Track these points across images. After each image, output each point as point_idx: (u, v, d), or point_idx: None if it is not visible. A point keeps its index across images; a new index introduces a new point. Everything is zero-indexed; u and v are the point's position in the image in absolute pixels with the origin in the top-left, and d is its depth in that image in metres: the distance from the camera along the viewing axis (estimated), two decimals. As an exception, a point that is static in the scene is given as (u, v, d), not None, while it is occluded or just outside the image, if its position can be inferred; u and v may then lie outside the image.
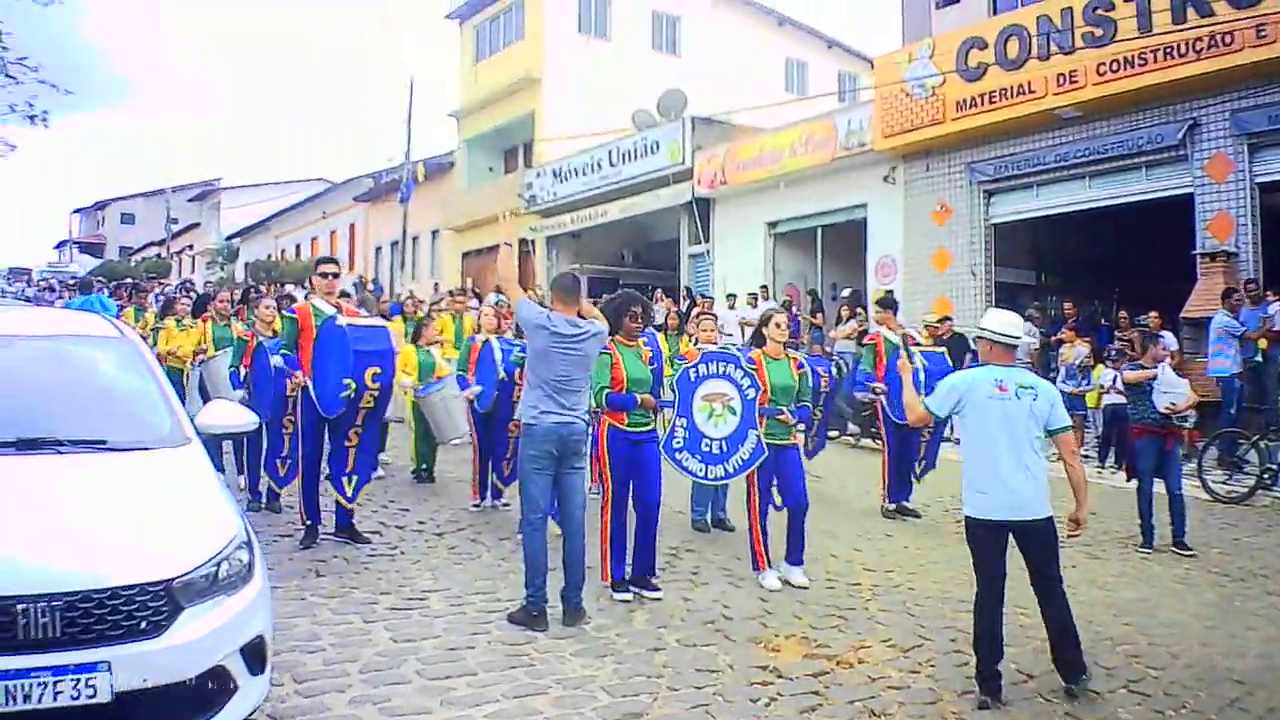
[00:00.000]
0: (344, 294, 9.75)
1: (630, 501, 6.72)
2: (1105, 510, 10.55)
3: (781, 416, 7.06)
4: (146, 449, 4.37)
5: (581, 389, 6.17)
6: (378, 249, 39.21)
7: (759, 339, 7.36)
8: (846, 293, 18.38)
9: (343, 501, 7.61)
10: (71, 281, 30.93)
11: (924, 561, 8.08)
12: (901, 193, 18.09)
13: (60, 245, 78.84)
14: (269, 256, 47.95)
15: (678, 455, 6.92)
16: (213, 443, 9.46)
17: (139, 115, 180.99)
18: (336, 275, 7.87)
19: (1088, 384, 13.52)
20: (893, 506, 9.81)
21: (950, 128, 16.63)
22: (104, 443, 4.31)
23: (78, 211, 79.66)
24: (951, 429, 9.95)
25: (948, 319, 15.46)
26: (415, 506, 9.32)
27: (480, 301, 15.25)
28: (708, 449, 6.92)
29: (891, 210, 18.26)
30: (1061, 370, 13.71)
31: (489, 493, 9.31)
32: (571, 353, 6.05)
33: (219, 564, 3.75)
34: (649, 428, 6.72)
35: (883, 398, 9.68)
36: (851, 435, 14.77)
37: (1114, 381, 12.65)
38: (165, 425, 4.62)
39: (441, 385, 9.66)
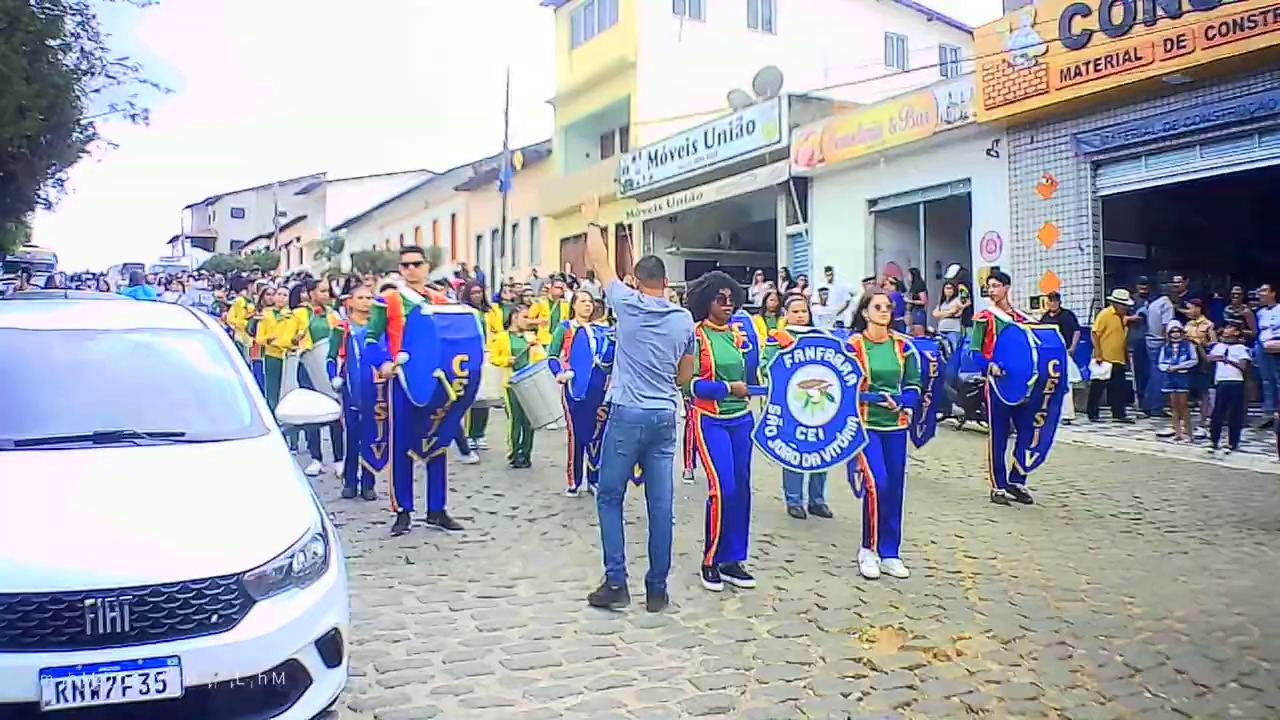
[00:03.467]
0: (441, 281, 9.78)
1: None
2: (1218, 493, 10.13)
3: (885, 403, 6.81)
4: (225, 440, 4.38)
5: (672, 373, 6.05)
6: (478, 237, 39.53)
7: (859, 322, 7.11)
8: (953, 271, 17.88)
9: (417, 456, 7.61)
10: (183, 275, 31.79)
11: (1028, 548, 7.77)
12: (1006, 166, 17.53)
13: (173, 240, 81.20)
14: (374, 246, 48.71)
15: (770, 443, 6.69)
16: (311, 432, 9.71)
17: (251, 113, 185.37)
18: (419, 264, 7.85)
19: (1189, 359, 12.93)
20: (1002, 492, 9.46)
21: (1055, 97, 16.03)
22: (182, 434, 4.32)
23: (190, 207, 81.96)
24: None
25: (1055, 295, 15.07)
26: (509, 492, 9.31)
27: (575, 287, 15.18)
28: (803, 437, 6.69)
29: (996, 184, 17.72)
30: (1175, 346, 13.13)
31: (584, 478, 9.24)
32: (663, 333, 5.93)
33: (292, 556, 3.72)
34: (743, 412, 6.54)
35: (992, 378, 9.35)
36: (955, 418, 14.38)
37: (1226, 354, 12.21)
38: (245, 416, 4.62)
39: (535, 370, 9.64)
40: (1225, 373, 12.24)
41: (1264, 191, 14.86)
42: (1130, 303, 14.84)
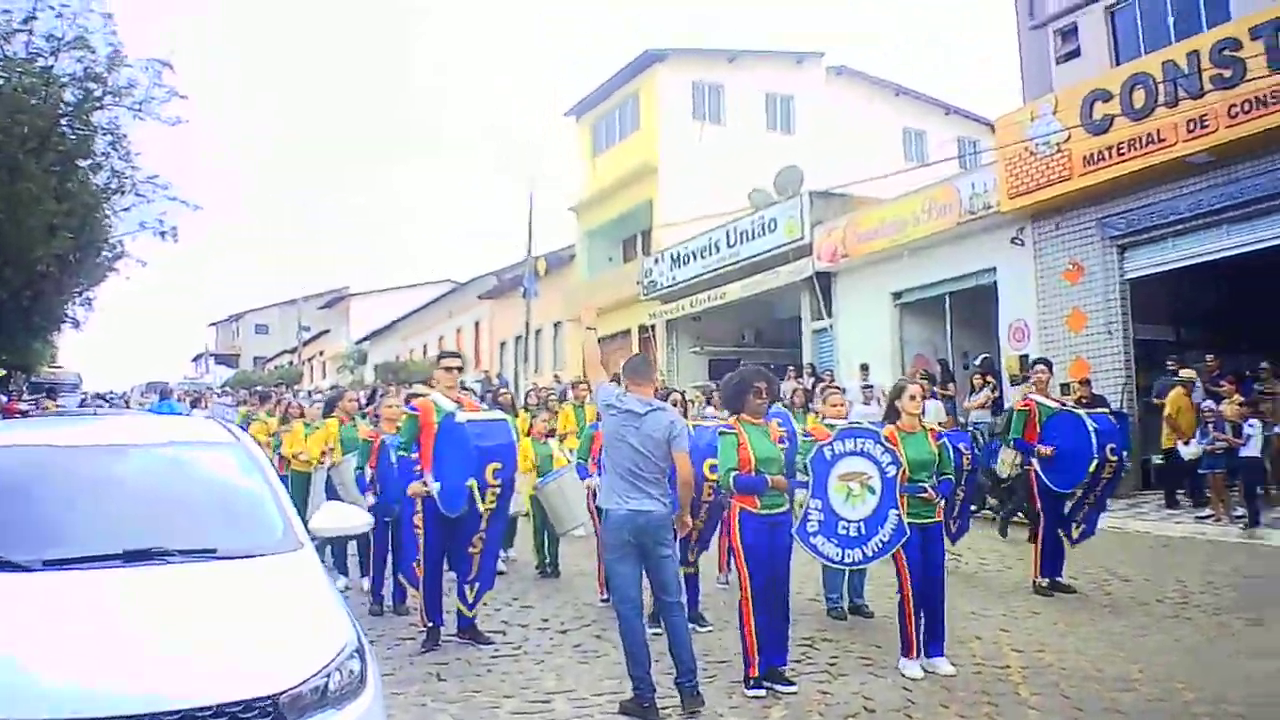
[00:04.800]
0: (464, 387, 9.75)
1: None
2: (1262, 573, 9.93)
3: (925, 494, 6.65)
4: (257, 555, 4.25)
5: (659, 474, 5.94)
6: (502, 344, 39.77)
7: (892, 413, 6.98)
8: (979, 360, 17.75)
9: (464, 610, 7.44)
10: (207, 393, 31.98)
11: (1075, 639, 7.53)
12: (1031, 253, 17.49)
13: (198, 358, 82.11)
14: (397, 357, 49.12)
15: (812, 539, 6.53)
16: (338, 544, 9.56)
17: (272, 228, 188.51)
18: (460, 369, 7.79)
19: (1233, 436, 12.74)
20: (1045, 582, 9.20)
21: (1078, 183, 16.04)
22: (213, 551, 4.19)
23: (214, 324, 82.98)
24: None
25: (1086, 381, 14.89)
26: (539, 603, 9.11)
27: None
28: (844, 531, 6.52)
29: (1022, 272, 17.65)
30: (1210, 426, 12.93)
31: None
32: (642, 432, 5.86)
33: (329, 675, 3.55)
34: (783, 508, 6.38)
35: (1037, 464, 9.17)
36: (990, 509, 14.10)
37: (1240, 431, 12.18)
38: (277, 530, 4.50)
39: (559, 475, 9.50)
40: (1249, 448, 12.25)
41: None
42: (1195, 380, 14.56)
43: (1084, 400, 13.06)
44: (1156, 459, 15.37)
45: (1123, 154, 15.32)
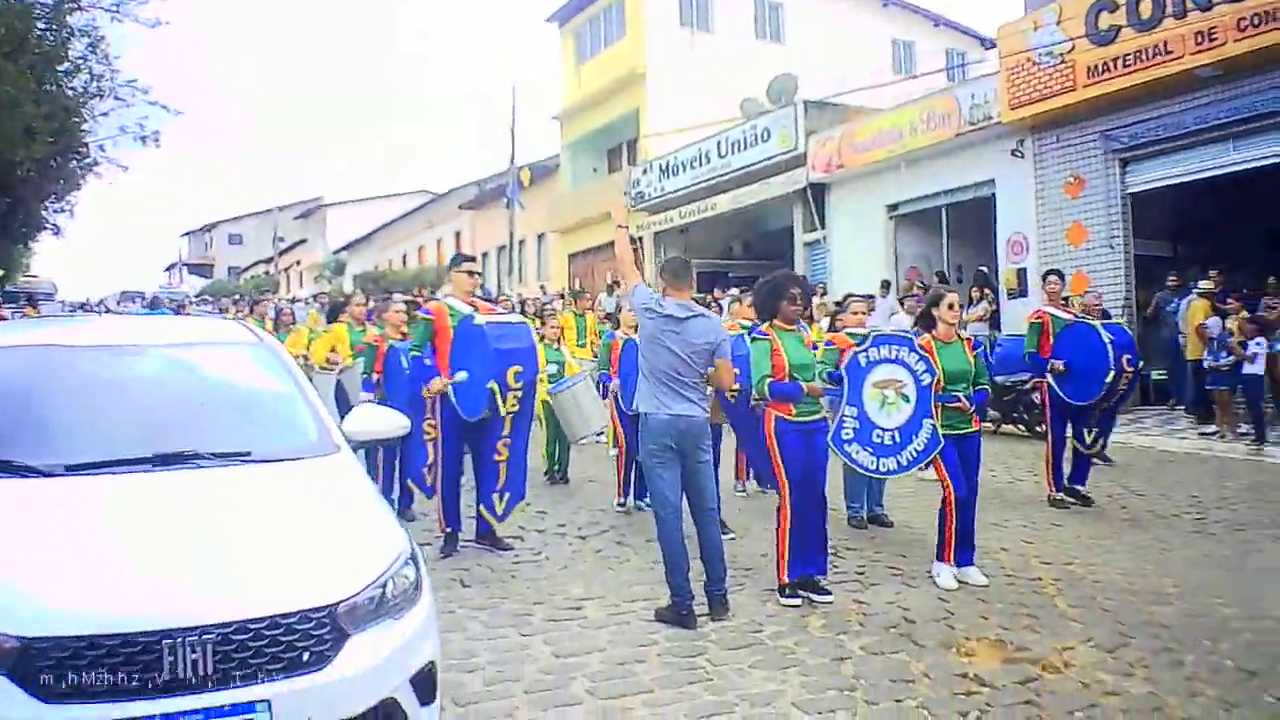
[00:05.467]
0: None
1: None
2: (1276, 490, 9.82)
3: (958, 404, 6.47)
4: (294, 459, 4.01)
5: (699, 379, 5.77)
6: (484, 255, 39.29)
7: (928, 321, 6.77)
8: (975, 273, 17.58)
9: (493, 521, 7.24)
10: (185, 301, 31.43)
11: (1101, 551, 7.44)
12: (1031, 166, 17.19)
13: (170, 268, 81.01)
14: (376, 267, 48.58)
15: (847, 448, 6.37)
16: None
17: (245, 138, 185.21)
18: (477, 273, 7.51)
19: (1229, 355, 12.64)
20: (1060, 495, 9.12)
21: (1082, 95, 15.69)
22: (248, 454, 3.95)
23: (186, 234, 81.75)
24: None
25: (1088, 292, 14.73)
26: (553, 509, 8.98)
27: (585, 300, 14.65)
28: (879, 440, 6.36)
29: (1021, 185, 17.37)
30: (1215, 343, 12.83)
31: (632, 493, 8.91)
32: (684, 339, 5.67)
33: (385, 585, 3.34)
34: (819, 415, 6.20)
35: (1052, 379, 9.03)
36: (991, 421, 14.04)
37: (1246, 348, 12.12)
38: (312, 433, 4.26)
39: (573, 383, 9.32)
40: (1247, 367, 12.20)
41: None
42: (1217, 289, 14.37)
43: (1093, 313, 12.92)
44: (1156, 374, 15.29)
45: (1128, 65, 14.98)
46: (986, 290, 16.73)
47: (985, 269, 17.77)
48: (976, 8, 52.79)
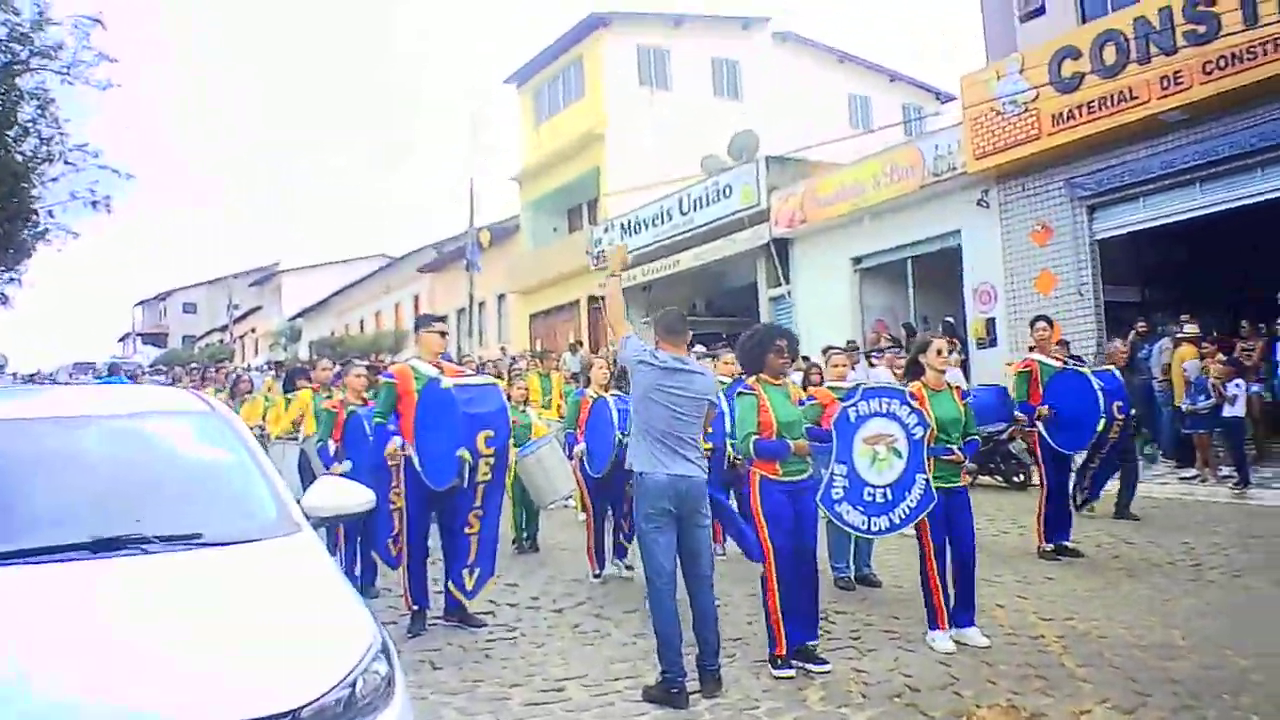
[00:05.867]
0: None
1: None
2: (1267, 533, 9.62)
3: (951, 456, 6.19)
4: (250, 541, 3.61)
5: (696, 436, 5.45)
6: (444, 317, 38.89)
7: (915, 370, 6.50)
8: (941, 324, 17.44)
9: (463, 600, 6.80)
10: (138, 371, 30.74)
11: (1101, 605, 7.13)
12: (997, 215, 17.16)
13: (124, 338, 79.90)
14: (332, 333, 48.01)
15: (837, 507, 6.03)
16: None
17: (199, 205, 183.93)
18: (445, 333, 7.15)
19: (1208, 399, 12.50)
20: (1050, 547, 8.83)
21: (1047, 142, 15.74)
22: (198, 536, 3.54)
23: (140, 304, 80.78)
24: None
25: (1064, 342, 14.58)
26: (524, 580, 8.55)
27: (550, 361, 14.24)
28: (870, 498, 6.03)
29: (987, 234, 17.33)
30: (1193, 386, 12.73)
31: (612, 555, 8.56)
32: (683, 393, 5.34)
33: (354, 682, 2.94)
34: (806, 474, 5.88)
35: (1041, 426, 8.77)
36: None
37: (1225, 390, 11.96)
38: (269, 510, 3.86)
39: (538, 445, 8.95)
40: (1228, 409, 12.14)
41: (1264, 225, 14.53)
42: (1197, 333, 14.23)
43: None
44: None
45: (1094, 112, 15.09)
46: (954, 340, 16.54)
47: (951, 319, 17.64)
48: (938, 63, 53.51)
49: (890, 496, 6.05)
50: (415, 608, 6.85)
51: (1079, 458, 9.54)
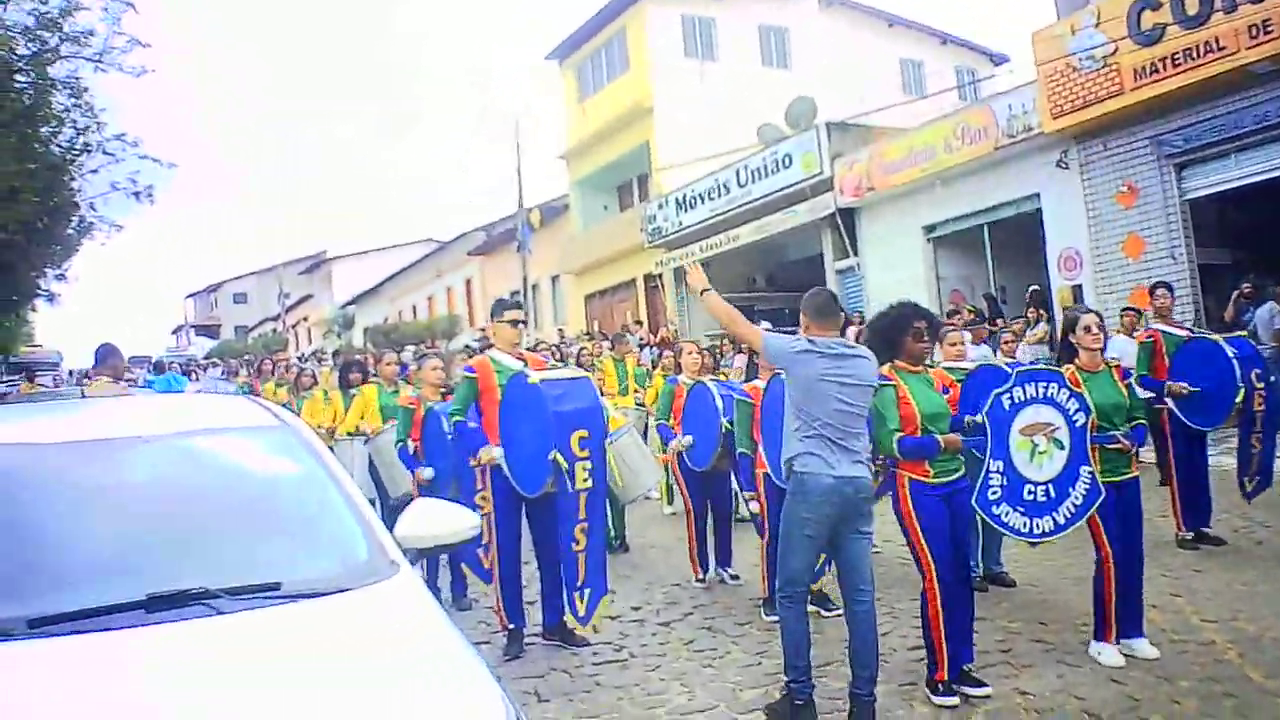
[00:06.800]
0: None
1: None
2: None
3: (1118, 444, 5.41)
4: (340, 591, 2.90)
5: (863, 430, 4.75)
6: (518, 303, 38.19)
7: (1068, 350, 5.72)
8: (1028, 293, 16.51)
9: (577, 626, 6.02)
10: (193, 365, 30.42)
11: (1264, 601, 6.32)
12: (1079, 177, 16.19)
13: (177, 330, 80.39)
14: (386, 319, 47.68)
15: (994, 509, 5.22)
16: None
17: (249, 195, 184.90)
18: (525, 321, 6.42)
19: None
20: (1190, 535, 8.01)
21: (1130, 99, 14.76)
22: (276, 587, 2.84)
23: (191, 295, 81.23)
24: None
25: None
26: (622, 587, 7.78)
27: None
28: (1030, 497, 5.22)
29: (1069, 197, 16.37)
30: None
31: (715, 563, 7.82)
32: (852, 380, 4.64)
33: None
34: (959, 474, 5.13)
35: (1172, 402, 7.93)
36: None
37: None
38: (360, 549, 3.15)
39: (618, 436, 8.24)
40: None
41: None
42: None
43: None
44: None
45: (1178, 65, 14.13)
46: (1042, 310, 15.66)
47: (1038, 288, 16.71)
48: (997, 22, 51.89)
49: (1054, 493, 5.25)
50: (511, 627, 6.18)
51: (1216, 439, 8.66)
